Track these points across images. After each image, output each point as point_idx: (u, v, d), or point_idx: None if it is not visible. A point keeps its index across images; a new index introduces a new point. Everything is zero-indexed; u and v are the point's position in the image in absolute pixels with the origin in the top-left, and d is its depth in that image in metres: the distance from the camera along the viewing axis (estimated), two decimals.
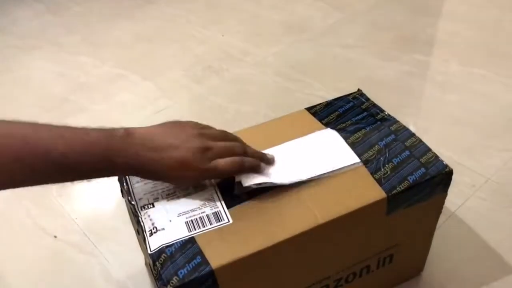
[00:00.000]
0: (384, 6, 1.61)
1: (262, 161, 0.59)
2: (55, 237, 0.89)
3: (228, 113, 1.18)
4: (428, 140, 1.05)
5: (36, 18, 1.72)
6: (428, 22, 1.51)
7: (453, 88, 1.21)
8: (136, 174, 0.54)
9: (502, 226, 0.86)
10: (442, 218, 0.88)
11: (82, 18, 1.70)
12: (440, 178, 0.61)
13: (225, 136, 0.59)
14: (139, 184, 0.59)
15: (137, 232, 0.58)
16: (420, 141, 0.64)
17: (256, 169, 0.57)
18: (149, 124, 0.57)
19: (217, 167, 0.54)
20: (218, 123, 0.62)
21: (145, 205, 0.56)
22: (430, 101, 1.19)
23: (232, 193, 0.57)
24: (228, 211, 0.55)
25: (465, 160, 0.99)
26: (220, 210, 0.55)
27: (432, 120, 1.12)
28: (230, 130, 0.70)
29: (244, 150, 0.58)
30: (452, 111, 1.14)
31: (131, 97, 1.28)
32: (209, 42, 1.49)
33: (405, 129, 0.66)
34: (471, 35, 1.43)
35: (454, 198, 0.91)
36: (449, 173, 0.61)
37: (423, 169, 0.60)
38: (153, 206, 0.56)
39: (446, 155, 1.01)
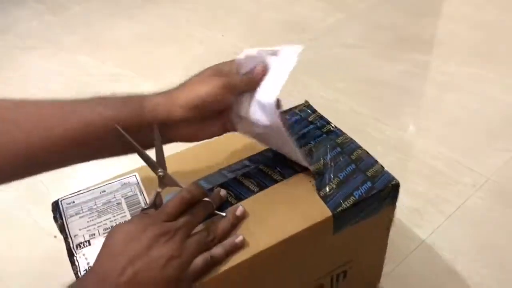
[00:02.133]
0: (384, 6, 1.61)
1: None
2: (55, 237, 0.89)
3: None
4: (428, 140, 1.06)
5: (36, 18, 1.72)
6: (428, 22, 1.51)
7: (453, 88, 1.21)
8: None
9: (502, 226, 0.86)
10: (441, 218, 0.89)
11: (82, 18, 1.70)
12: (387, 191, 0.58)
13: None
14: (74, 218, 0.55)
15: (74, 272, 0.53)
16: (367, 153, 0.62)
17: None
18: None
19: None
20: None
21: (81, 243, 0.52)
22: (430, 101, 1.19)
23: None
24: None
25: (465, 160, 0.99)
26: None
27: (432, 120, 1.12)
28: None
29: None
30: (452, 111, 1.14)
31: None
32: (209, 42, 1.49)
33: (351, 141, 0.64)
34: (471, 35, 1.43)
35: (454, 198, 0.91)
36: (396, 185, 0.58)
37: (369, 183, 0.57)
38: (89, 244, 0.52)
39: (446, 155, 1.02)
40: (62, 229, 0.55)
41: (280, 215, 0.54)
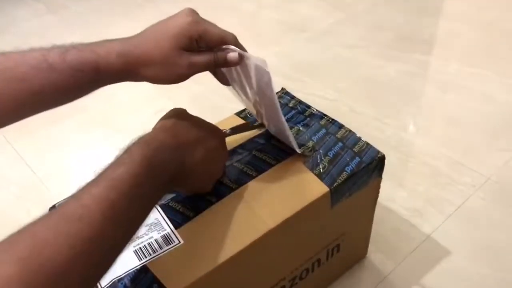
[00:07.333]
0: (384, 6, 1.61)
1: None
2: None
3: (228, 113, 1.17)
4: (428, 140, 1.06)
5: (36, 18, 1.72)
6: (428, 22, 1.51)
7: (453, 88, 1.21)
8: None
9: (502, 226, 0.86)
10: (441, 218, 0.89)
11: (82, 17, 1.70)
12: (374, 164, 0.63)
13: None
14: None
15: None
16: (350, 131, 0.66)
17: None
18: (149, 124, 0.57)
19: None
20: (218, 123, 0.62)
21: None
22: (430, 101, 1.19)
23: (177, 212, 0.55)
24: (177, 231, 0.53)
25: (465, 160, 0.99)
26: (168, 232, 0.52)
27: (432, 120, 1.12)
28: None
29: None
30: (452, 111, 1.14)
31: (131, 97, 1.28)
32: None
33: (334, 122, 0.68)
34: (471, 35, 1.43)
35: (454, 198, 0.91)
36: (382, 158, 0.63)
37: (357, 158, 0.62)
38: None
39: (446, 155, 1.02)
40: None
41: (282, 196, 0.57)
